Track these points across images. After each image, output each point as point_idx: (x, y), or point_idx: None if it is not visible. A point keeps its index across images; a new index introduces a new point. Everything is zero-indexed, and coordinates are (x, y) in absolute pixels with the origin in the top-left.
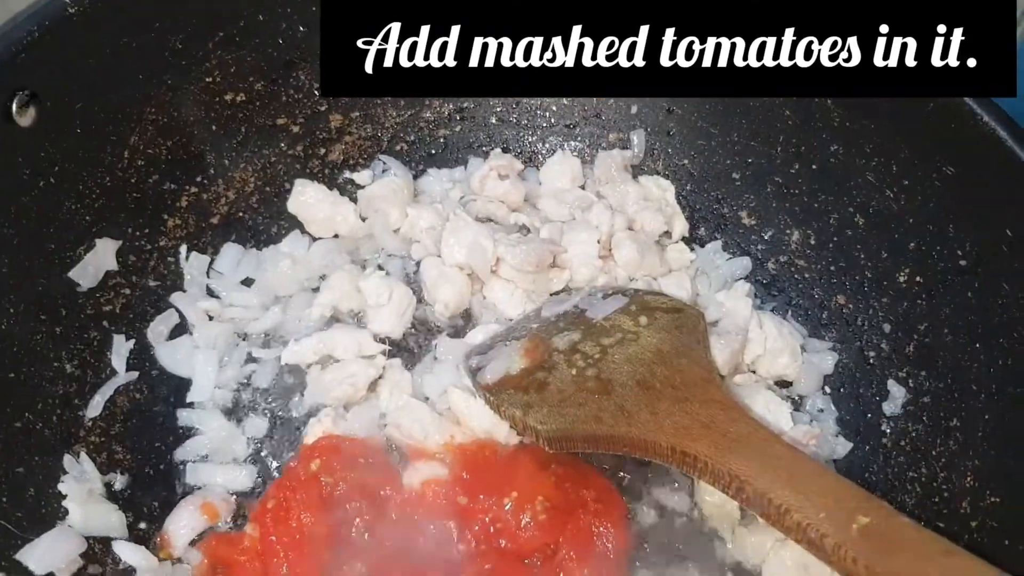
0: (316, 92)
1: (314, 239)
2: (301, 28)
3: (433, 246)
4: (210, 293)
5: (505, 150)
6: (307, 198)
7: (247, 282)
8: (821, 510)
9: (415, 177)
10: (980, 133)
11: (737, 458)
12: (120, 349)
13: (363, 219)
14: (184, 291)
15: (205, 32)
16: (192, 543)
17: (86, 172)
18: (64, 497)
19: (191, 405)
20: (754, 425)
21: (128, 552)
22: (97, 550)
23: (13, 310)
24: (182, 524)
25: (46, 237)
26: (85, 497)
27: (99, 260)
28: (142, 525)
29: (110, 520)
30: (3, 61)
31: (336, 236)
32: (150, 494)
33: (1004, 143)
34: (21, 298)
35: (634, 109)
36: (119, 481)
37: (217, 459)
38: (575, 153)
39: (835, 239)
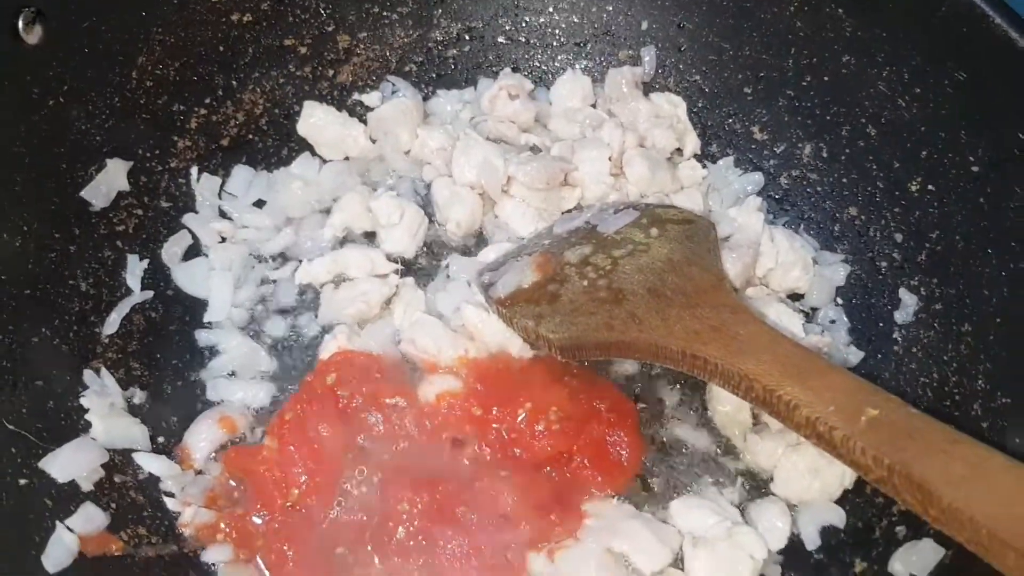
0: (323, 12)
1: (324, 161)
2: None
3: (444, 167)
4: (222, 215)
5: (515, 70)
6: (316, 120)
7: (259, 204)
8: (829, 404)
9: (424, 99)
10: (992, 36)
11: (746, 358)
12: (134, 268)
13: (373, 141)
14: (196, 212)
15: None
16: (212, 457)
17: (95, 92)
18: (86, 411)
19: (208, 325)
20: (763, 326)
21: (150, 462)
22: (118, 461)
23: (27, 228)
24: (201, 437)
25: (57, 156)
26: (107, 411)
27: (111, 180)
28: (161, 439)
29: (132, 433)
30: None
31: (346, 158)
32: (169, 410)
33: (1016, 45)
34: (35, 216)
35: (644, 25)
36: (138, 396)
37: (237, 376)
38: (585, 71)
39: (847, 151)
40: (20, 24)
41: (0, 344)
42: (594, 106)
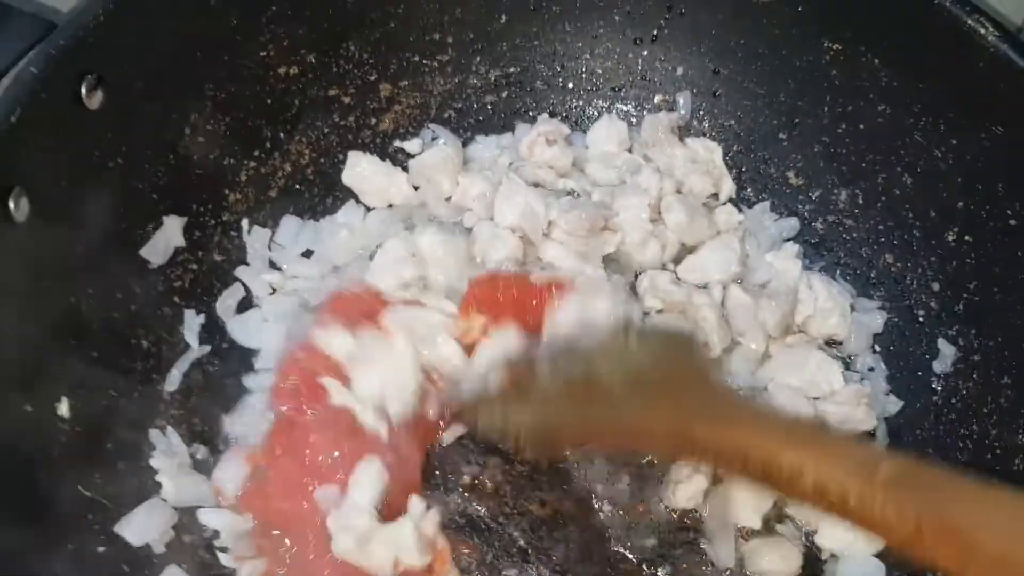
0: (366, 63)
1: (368, 209)
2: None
3: (485, 213)
4: (272, 266)
5: (552, 115)
6: (361, 170)
7: (306, 254)
8: (838, 466)
9: (464, 144)
10: None
11: (739, 429)
12: (192, 324)
13: (415, 188)
14: (248, 264)
15: (258, 7)
16: None
17: (151, 151)
18: (155, 472)
19: (257, 371)
20: (757, 404)
21: (213, 518)
22: (185, 520)
23: (92, 291)
24: (228, 474)
25: (117, 218)
26: (175, 470)
27: (168, 237)
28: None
29: (200, 490)
30: (71, 47)
31: (390, 206)
32: None
33: None
34: (98, 280)
35: (680, 71)
36: (201, 452)
37: None
38: (621, 116)
39: (883, 199)
40: (83, 91)
41: (73, 408)
42: (630, 150)
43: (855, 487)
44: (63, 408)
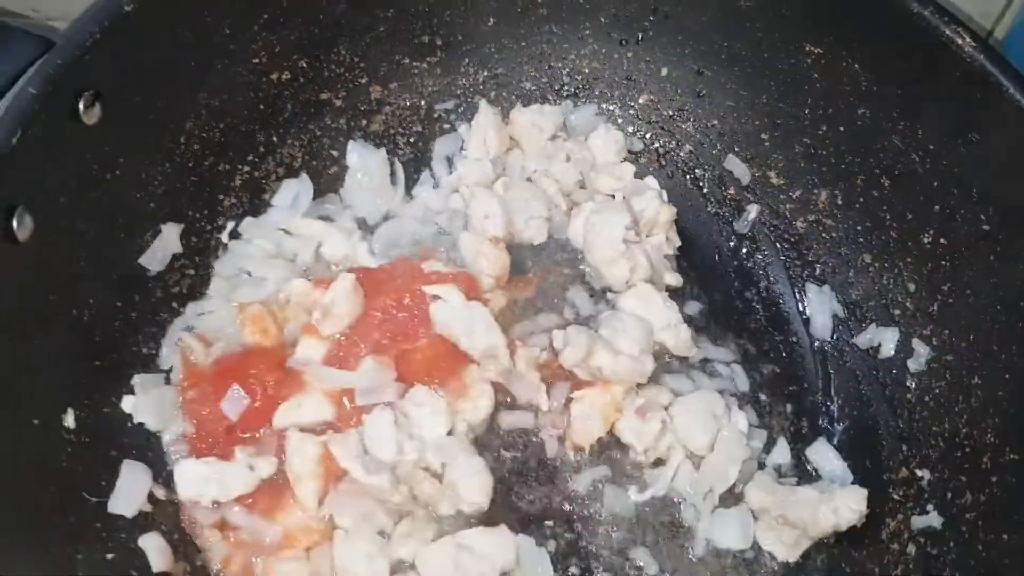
0: (356, 66)
1: None
2: (342, 5)
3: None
4: None
5: None
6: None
7: None
8: None
9: None
10: (1005, 103)
11: None
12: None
13: None
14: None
15: (250, 16)
16: None
17: (148, 161)
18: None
19: None
20: None
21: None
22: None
23: (92, 300)
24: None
25: (116, 227)
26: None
27: (166, 244)
28: None
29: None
30: (69, 64)
31: None
32: None
33: None
34: (98, 289)
35: (664, 71)
36: None
37: None
38: (604, 114)
39: (861, 200)
40: (80, 107)
41: (78, 419)
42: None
43: None
44: (69, 419)
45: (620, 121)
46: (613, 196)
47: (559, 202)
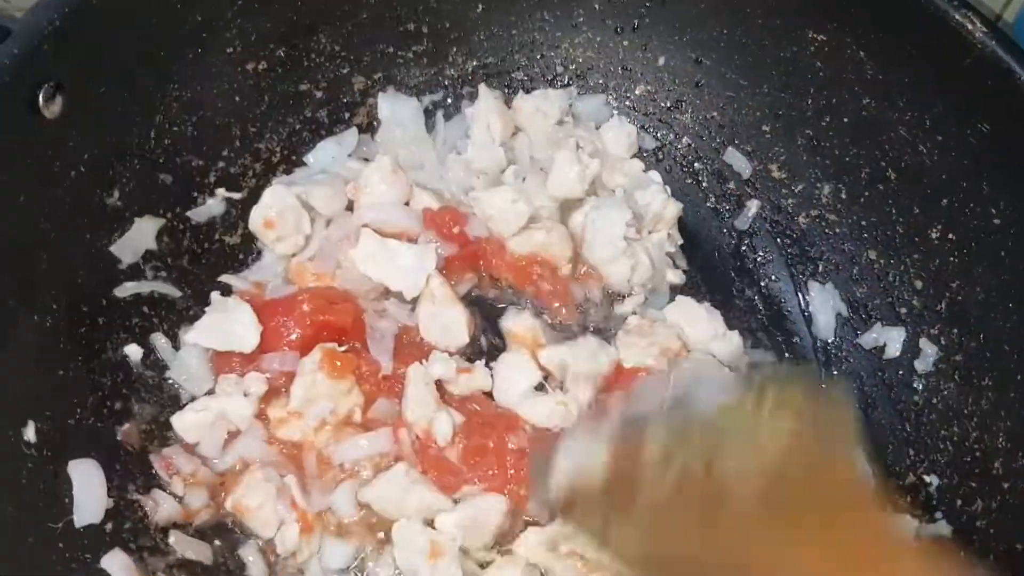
0: (338, 55)
1: None
2: None
3: None
4: None
5: None
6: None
7: None
8: None
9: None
10: (1018, 92)
11: None
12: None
13: None
14: None
15: (225, 2)
16: None
17: (115, 157)
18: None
19: None
20: (915, 555)
21: None
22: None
23: (56, 306)
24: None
25: (81, 227)
26: None
27: (137, 242)
28: None
29: None
30: (27, 54)
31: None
32: None
33: None
34: (63, 292)
35: (661, 61)
36: None
37: None
38: (606, 105)
39: (866, 194)
40: (40, 100)
41: (39, 433)
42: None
43: None
44: (29, 433)
45: (615, 113)
46: (613, 191)
47: None
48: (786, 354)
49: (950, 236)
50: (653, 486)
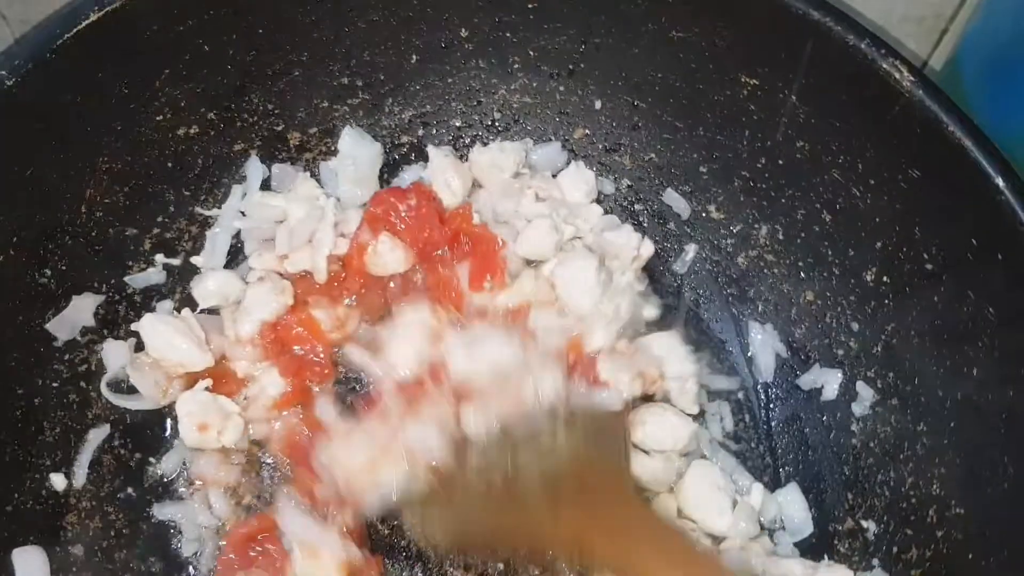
0: (271, 113)
1: None
2: (251, 52)
3: None
4: None
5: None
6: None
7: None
8: None
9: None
10: (945, 140)
11: (637, 555)
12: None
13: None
14: None
15: (150, 72)
16: None
17: (45, 237)
18: None
19: None
20: (659, 525)
21: None
22: None
23: None
24: None
25: (12, 311)
26: None
27: (74, 319)
28: None
29: None
30: None
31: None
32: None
33: (968, 153)
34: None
35: (598, 104)
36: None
37: None
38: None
39: (803, 235)
40: None
41: None
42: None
43: None
44: None
45: (573, 159)
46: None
47: None
48: (730, 396)
49: (884, 279)
50: (470, 486)
